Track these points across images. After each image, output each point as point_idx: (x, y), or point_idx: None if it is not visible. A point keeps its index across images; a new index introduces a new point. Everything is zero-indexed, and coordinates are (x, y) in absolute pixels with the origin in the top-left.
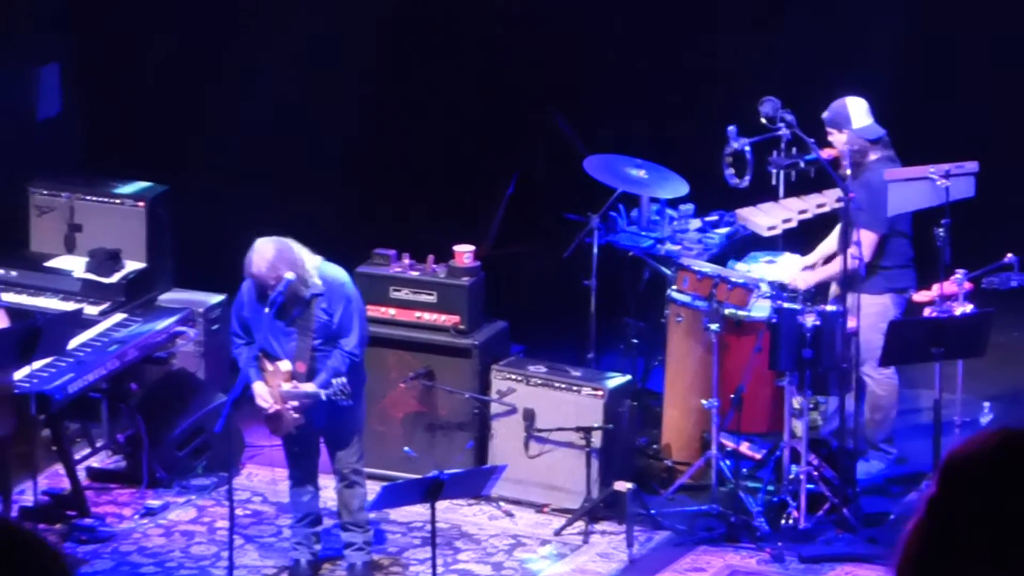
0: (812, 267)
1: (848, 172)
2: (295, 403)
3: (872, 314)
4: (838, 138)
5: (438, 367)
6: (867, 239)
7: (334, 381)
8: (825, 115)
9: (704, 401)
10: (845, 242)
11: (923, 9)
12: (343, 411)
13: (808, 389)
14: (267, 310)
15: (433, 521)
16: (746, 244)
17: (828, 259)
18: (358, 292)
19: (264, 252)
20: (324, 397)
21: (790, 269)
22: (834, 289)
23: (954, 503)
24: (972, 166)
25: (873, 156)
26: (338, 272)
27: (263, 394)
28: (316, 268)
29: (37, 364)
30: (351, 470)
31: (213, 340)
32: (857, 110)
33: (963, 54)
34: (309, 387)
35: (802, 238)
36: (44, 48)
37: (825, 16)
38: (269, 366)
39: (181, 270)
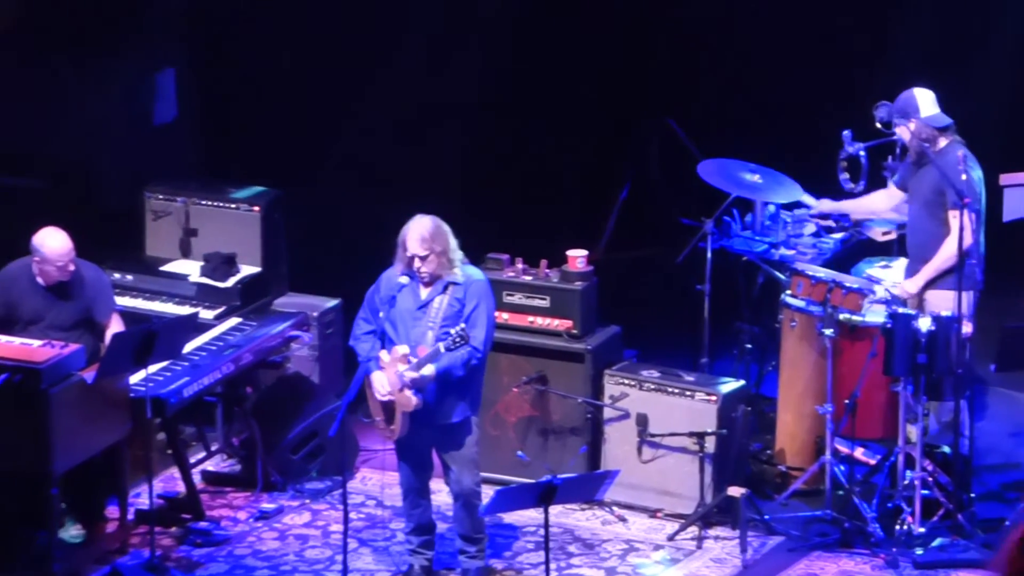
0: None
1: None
2: (410, 380)
3: (948, 309)
4: (905, 129)
5: (551, 372)
6: (970, 222)
7: (451, 331)
8: (883, 107)
9: (818, 406)
10: (961, 250)
11: None
12: (454, 424)
13: (923, 394)
14: (403, 280)
15: (546, 525)
16: (860, 249)
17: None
18: (493, 297)
19: (423, 223)
20: (443, 349)
21: (898, 281)
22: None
23: None
24: None
25: (943, 143)
26: (479, 272)
27: (381, 381)
28: (460, 260)
29: (153, 368)
30: (468, 491)
31: (327, 344)
32: (924, 99)
33: None
34: (428, 369)
35: None
36: (161, 54)
37: (941, 19)
38: (386, 356)
39: (296, 274)
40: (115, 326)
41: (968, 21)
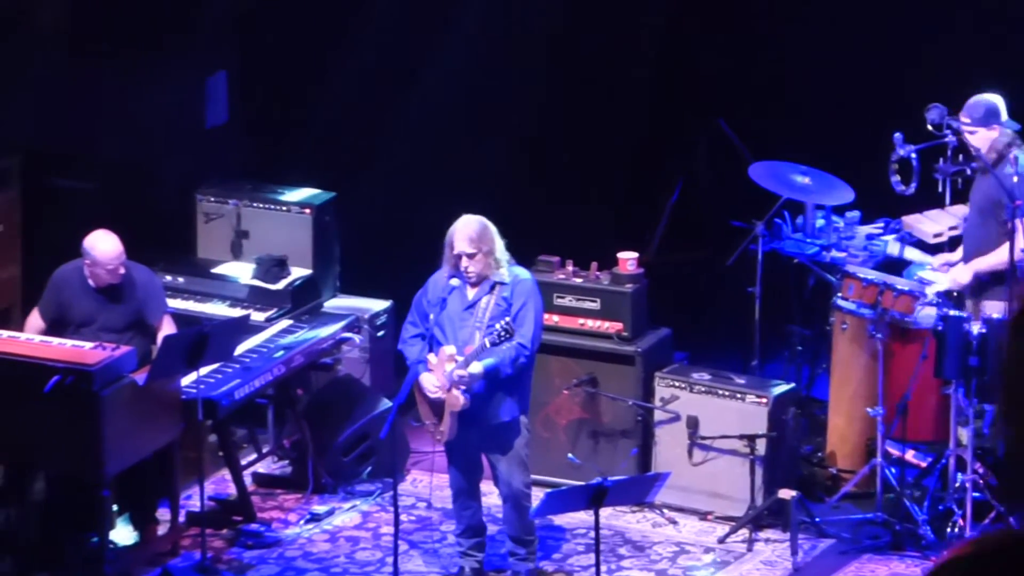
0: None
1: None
2: (458, 378)
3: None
4: (985, 135)
5: (601, 374)
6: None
7: (496, 325)
8: (971, 111)
9: (869, 409)
10: (1013, 258)
11: None
12: (502, 424)
13: (974, 397)
14: (454, 282)
15: (597, 528)
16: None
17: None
18: (540, 297)
19: (470, 223)
20: (488, 344)
21: (944, 276)
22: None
23: None
24: None
25: (1016, 149)
26: (525, 272)
27: (430, 381)
28: (507, 260)
29: (204, 370)
30: (518, 492)
31: (378, 346)
32: (1001, 105)
33: None
34: (475, 367)
35: None
36: (212, 57)
37: (996, 22)
38: (434, 359)
39: (347, 277)
40: (166, 328)
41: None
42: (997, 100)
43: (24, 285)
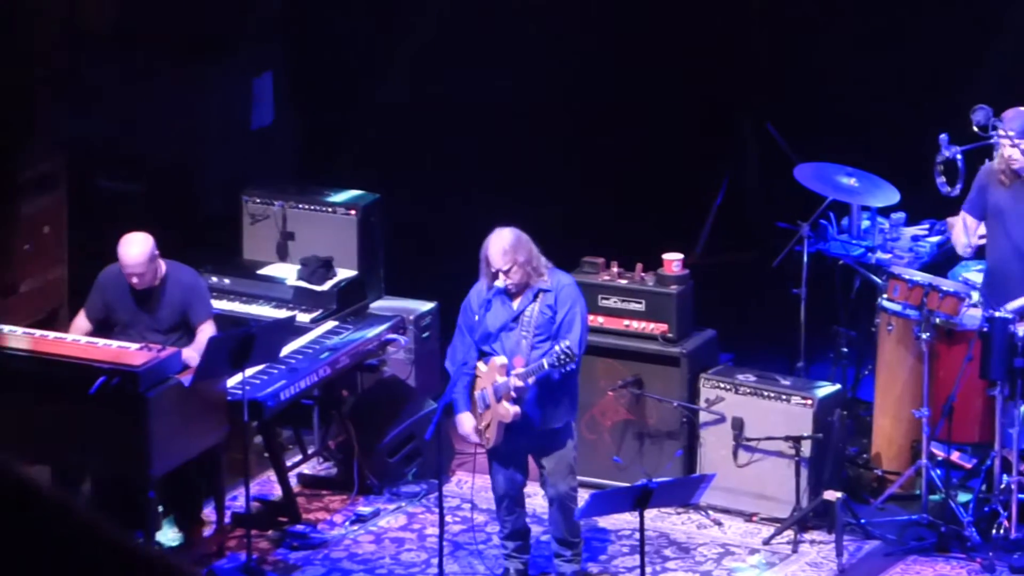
0: None
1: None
2: (512, 394)
3: None
4: (1020, 149)
5: (646, 375)
6: None
7: (556, 348)
8: (1013, 124)
9: (915, 410)
10: None
11: None
12: (553, 429)
13: (1020, 398)
14: (491, 296)
15: (642, 529)
16: (957, 253)
17: None
18: (583, 299)
19: (503, 236)
20: (547, 365)
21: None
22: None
23: None
24: None
25: None
26: (567, 276)
27: (467, 428)
28: (546, 267)
29: (250, 371)
30: (564, 495)
31: (424, 347)
32: None
33: None
34: (529, 379)
35: None
36: (258, 58)
37: None
38: (483, 367)
39: (393, 278)
40: (208, 330)
41: None
42: None
43: (71, 287)
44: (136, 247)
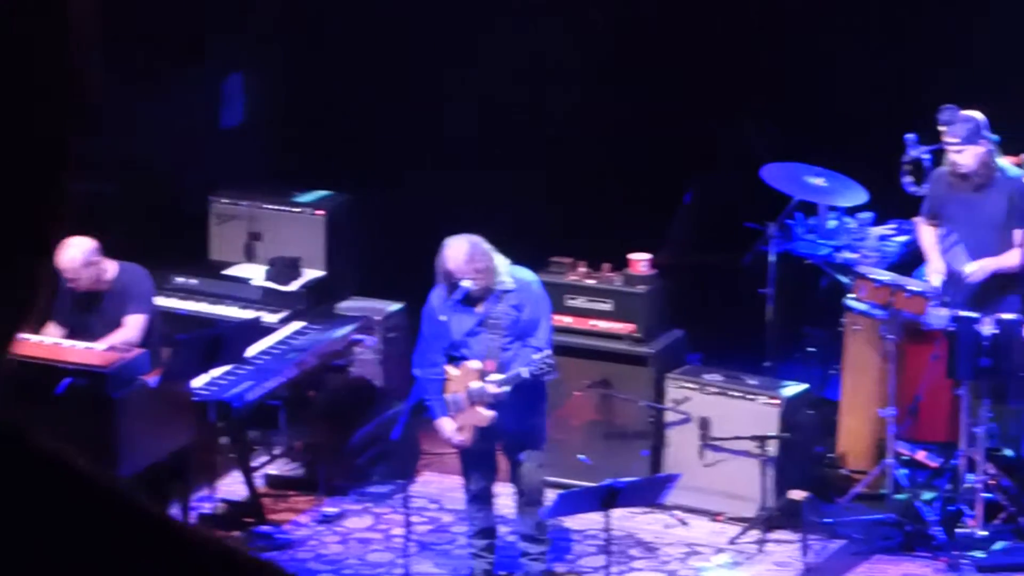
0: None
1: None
2: (488, 399)
3: None
4: (973, 151)
5: (614, 375)
6: None
7: (535, 356)
8: (956, 130)
9: (881, 410)
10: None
11: None
12: (528, 427)
13: (987, 398)
14: (454, 302)
15: (608, 529)
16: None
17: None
18: (547, 296)
19: (459, 246)
20: (527, 374)
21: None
22: None
23: None
24: None
25: (1000, 160)
26: (528, 273)
27: (449, 432)
28: (506, 266)
29: (216, 372)
30: (535, 488)
31: (391, 348)
32: (982, 119)
33: None
34: (504, 387)
35: None
36: (227, 58)
37: (1010, 22)
38: (454, 371)
39: (360, 278)
40: (133, 322)
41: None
42: (977, 115)
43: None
44: (70, 251)
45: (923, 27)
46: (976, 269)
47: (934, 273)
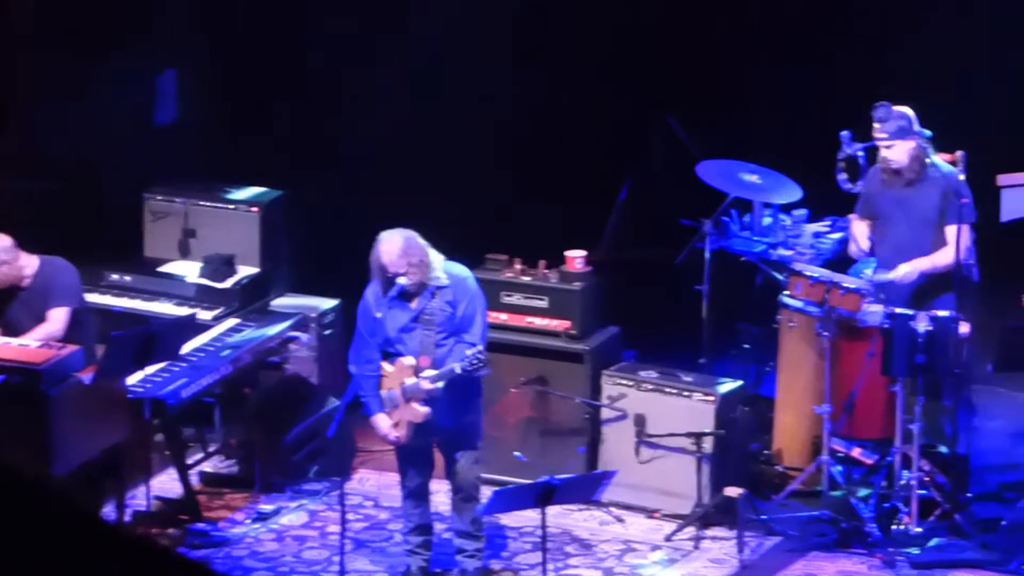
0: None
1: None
2: (422, 395)
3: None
4: (903, 146)
5: (550, 372)
6: (968, 235)
7: (468, 352)
8: (887, 126)
9: (816, 406)
10: (959, 260)
11: None
12: (463, 423)
13: (921, 395)
14: (389, 298)
15: (544, 526)
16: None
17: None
18: (482, 292)
19: (393, 241)
20: (459, 370)
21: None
22: None
23: None
24: None
25: (933, 156)
26: (462, 268)
27: (385, 428)
28: (440, 262)
29: (151, 369)
30: (470, 484)
31: (326, 345)
32: (912, 114)
33: None
34: (438, 384)
35: None
36: (162, 55)
37: (942, 20)
38: (389, 368)
39: (295, 275)
40: (55, 316)
41: (969, 24)
42: (907, 111)
43: None
44: None
45: (855, 23)
46: (908, 271)
47: (861, 237)
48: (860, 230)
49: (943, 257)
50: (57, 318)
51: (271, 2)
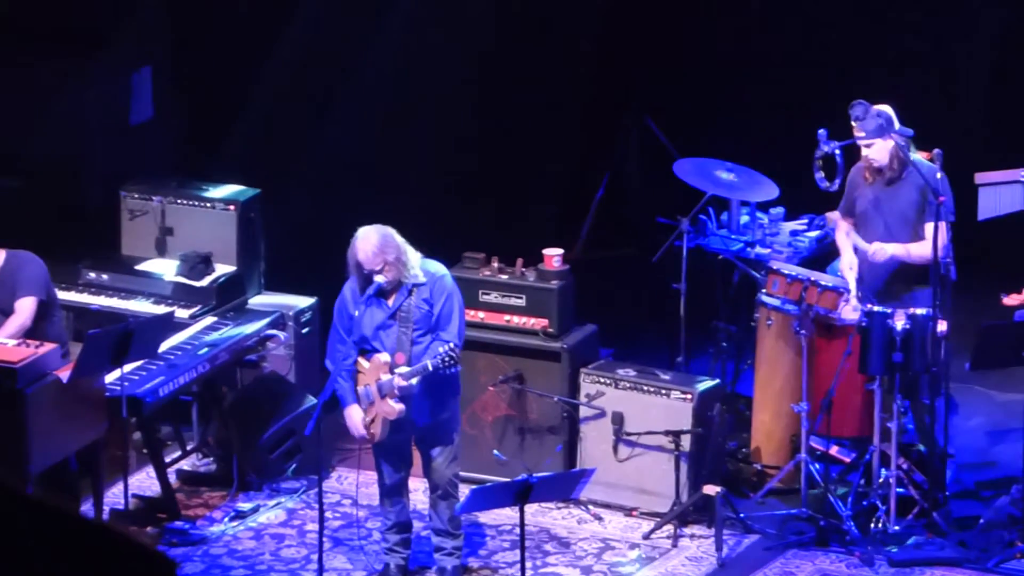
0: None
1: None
2: (396, 392)
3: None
4: (883, 145)
5: (528, 370)
6: (945, 232)
7: (440, 349)
8: (865, 124)
9: (794, 405)
10: (936, 258)
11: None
12: (440, 421)
13: (898, 393)
14: (366, 296)
15: (522, 524)
16: (835, 248)
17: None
18: (459, 290)
19: (369, 237)
20: (431, 367)
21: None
22: None
23: None
24: None
25: (913, 154)
26: (439, 266)
27: (356, 422)
28: (417, 259)
29: (128, 367)
30: (448, 482)
31: (304, 343)
32: (892, 113)
33: None
34: (412, 380)
35: None
36: (138, 53)
37: (917, 17)
38: (365, 364)
39: (272, 273)
40: (23, 306)
41: (944, 21)
42: (887, 109)
43: None
44: None
45: (837, 21)
46: (878, 248)
47: (847, 268)
48: (843, 226)
49: (918, 249)
50: (26, 308)
51: (250, 1)
